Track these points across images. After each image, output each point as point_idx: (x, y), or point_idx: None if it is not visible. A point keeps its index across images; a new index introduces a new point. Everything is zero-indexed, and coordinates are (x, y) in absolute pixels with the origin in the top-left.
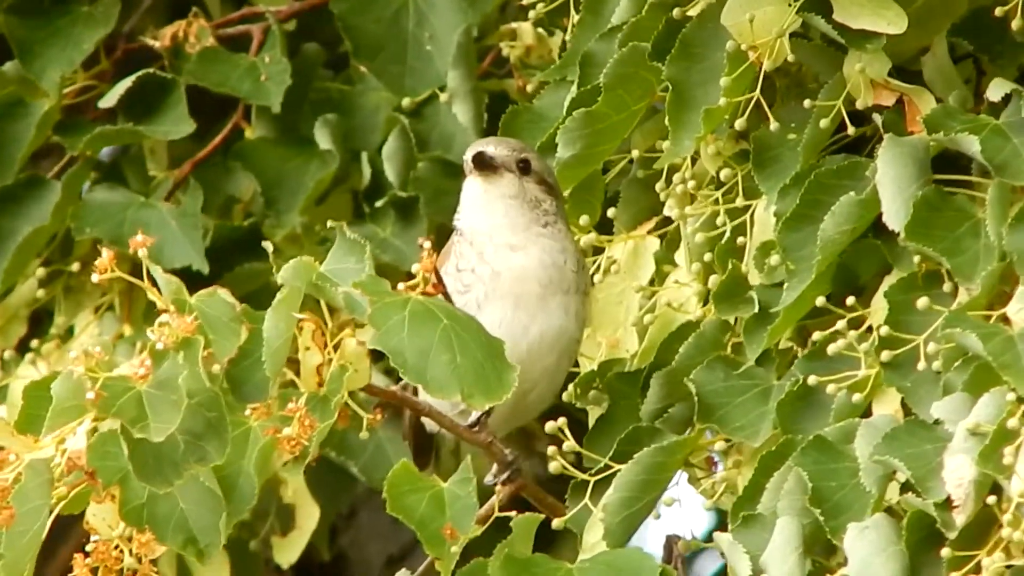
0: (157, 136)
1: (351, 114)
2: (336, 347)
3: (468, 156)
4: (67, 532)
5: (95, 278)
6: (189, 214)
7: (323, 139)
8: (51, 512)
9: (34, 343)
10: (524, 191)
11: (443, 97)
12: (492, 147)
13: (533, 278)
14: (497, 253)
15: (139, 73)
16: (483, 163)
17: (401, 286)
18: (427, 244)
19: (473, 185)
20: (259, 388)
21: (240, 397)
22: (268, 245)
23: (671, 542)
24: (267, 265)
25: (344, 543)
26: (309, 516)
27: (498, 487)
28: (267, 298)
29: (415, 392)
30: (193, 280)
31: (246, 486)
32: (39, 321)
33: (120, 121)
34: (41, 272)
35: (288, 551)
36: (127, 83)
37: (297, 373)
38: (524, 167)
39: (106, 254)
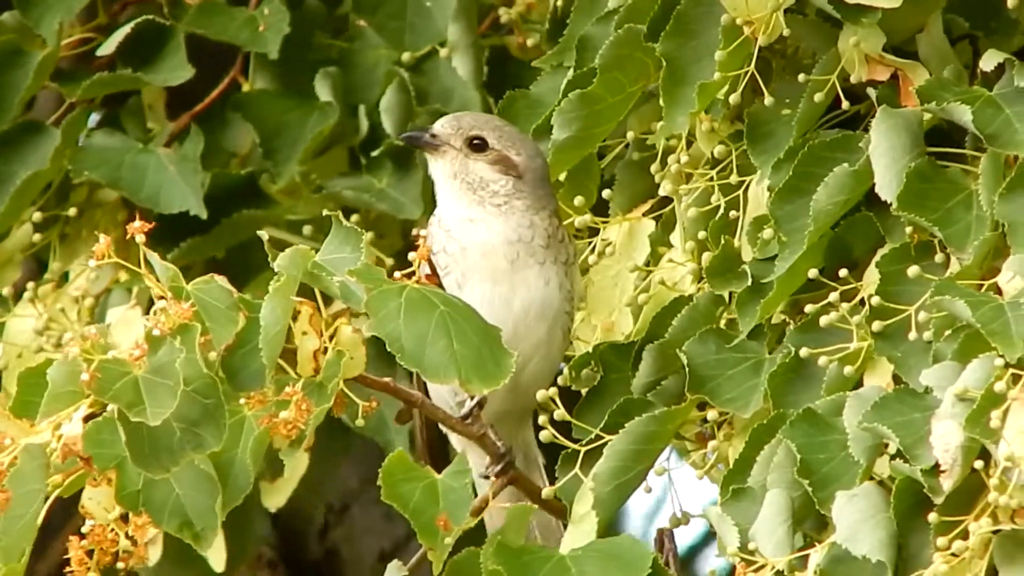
0: (156, 82)
1: (350, 70)
2: (332, 336)
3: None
4: (59, 529)
5: (92, 263)
6: (188, 159)
7: (323, 91)
8: (47, 498)
9: (29, 286)
10: (466, 170)
11: (443, 52)
12: (441, 123)
13: (500, 254)
14: (461, 227)
15: (138, 19)
16: (416, 140)
17: (397, 275)
18: (423, 232)
19: (428, 162)
20: (255, 376)
21: (236, 385)
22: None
23: (662, 535)
24: (265, 212)
25: (336, 538)
26: (298, 464)
27: (491, 479)
28: (262, 254)
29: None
30: (191, 226)
31: (241, 475)
32: (32, 270)
33: (119, 70)
34: (37, 216)
35: (276, 496)
36: (125, 30)
37: (292, 362)
38: (478, 144)
39: (103, 239)
